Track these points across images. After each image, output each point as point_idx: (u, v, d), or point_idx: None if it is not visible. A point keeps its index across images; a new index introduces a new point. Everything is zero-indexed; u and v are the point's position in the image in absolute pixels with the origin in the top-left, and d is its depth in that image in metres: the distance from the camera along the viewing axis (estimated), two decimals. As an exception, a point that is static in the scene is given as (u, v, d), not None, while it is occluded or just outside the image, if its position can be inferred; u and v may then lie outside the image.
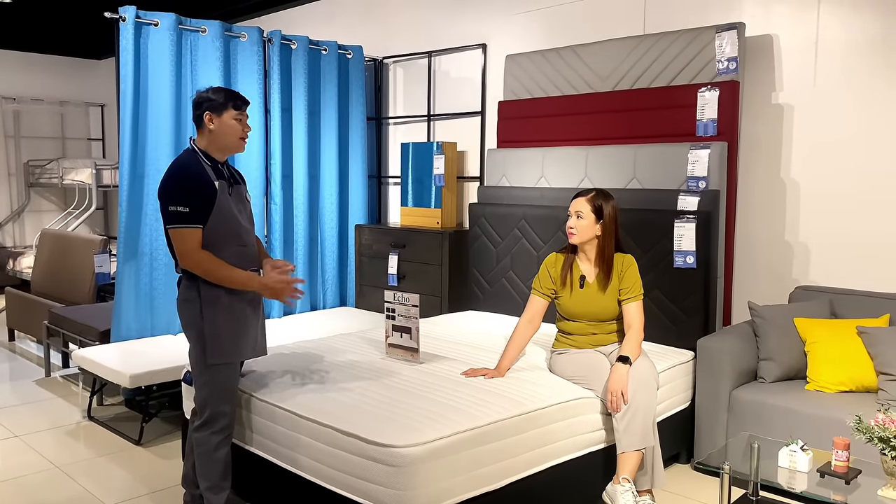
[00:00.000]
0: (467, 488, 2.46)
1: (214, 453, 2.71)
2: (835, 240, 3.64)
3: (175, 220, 2.59)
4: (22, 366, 5.38)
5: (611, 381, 2.91)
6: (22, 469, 3.51)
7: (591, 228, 3.11)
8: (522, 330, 3.19)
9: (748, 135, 3.88)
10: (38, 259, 6.18)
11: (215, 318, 2.65)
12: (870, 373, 3.13)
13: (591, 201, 3.12)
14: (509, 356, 3.13)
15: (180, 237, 2.59)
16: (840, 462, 2.43)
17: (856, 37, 3.53)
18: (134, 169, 4.19)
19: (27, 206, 8.66)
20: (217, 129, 2.68)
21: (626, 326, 3.10)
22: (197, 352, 2.70)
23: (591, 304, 3.15)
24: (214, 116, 2.68)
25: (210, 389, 2.70)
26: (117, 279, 4.22)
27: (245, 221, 2.76)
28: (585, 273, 3.17)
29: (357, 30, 5.83)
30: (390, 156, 5.76)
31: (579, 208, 3.12)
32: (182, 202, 2.58)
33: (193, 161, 2.67)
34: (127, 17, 4.11)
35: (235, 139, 2.71)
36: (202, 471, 2.73)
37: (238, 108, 2.70)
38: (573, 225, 3.12)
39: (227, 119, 2.68)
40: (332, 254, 5.31)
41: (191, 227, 2.59)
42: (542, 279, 3.23)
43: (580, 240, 3.13)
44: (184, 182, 2.61)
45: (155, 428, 4.03)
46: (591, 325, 3.18)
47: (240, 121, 2.71)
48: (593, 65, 4.20)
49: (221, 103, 2.68)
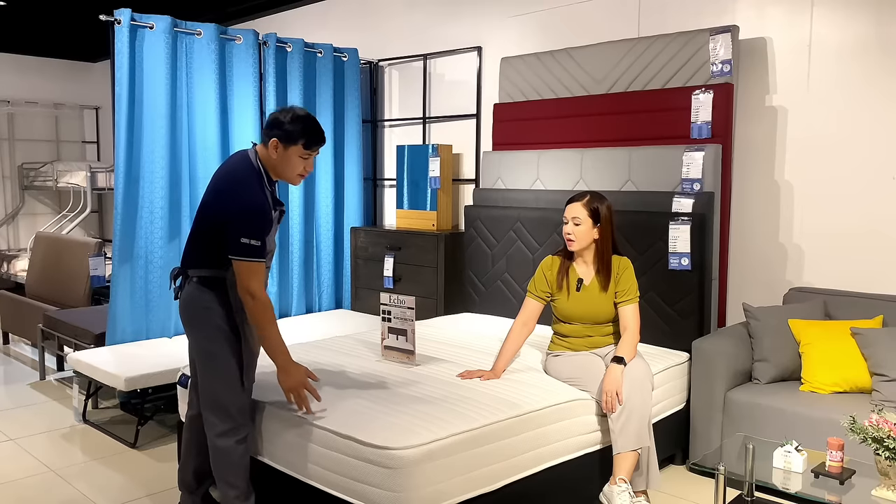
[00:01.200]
0: (463, 490, 2.47)
1: (240, 460, 2.68)
2: (829, 241, 3.66)
3: (247, 253, 2.50)
4: (16, 369, 5.36)
5: (606, 381, 2.92)
6: (17, 473, 3.50)
7: (589, 233, 3.10)
8: (517, 332, 3.19)
9: (742, 137, 3.89)
10: (32, 262, 6.16)
11: (251, 339, 2.64)
12: (863, 374, 3.15)
13: (587, 206, 3.09)
14: (504, 358, 3.13)
15: (249, 271, 2.51)
16: (834, 462, 2.44)
17: (849, 40, 3.55)
18: (129, 172, 4.19)
19: (21, 209, 8.63)
20: (278, 159, 2.61)
21: (622, 329, 3.11)
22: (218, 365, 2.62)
23: (588, 306, 3.15)
24: (281, 146, 2.59)
25: (227, 401, 2.64)
26: (112, 282, 4.22)
27: (273, 246, 2.73)
28: (582, 276, 3.17)
29: (352, 32, 5.83)
30: (386, 158, 5.76)
31: (576, 214, 3.09)
32: (256, 236, 2.50)
33: (259, 185, 2.57)
34: (122, 20, 4.11)
35: (293, 174, 2.63)
36: (228, 479, 2.67)
37: (308, 148, 2.60)
38: (571, 231, 3.09)
39: (293, 154, 2.59)
40: (327, 256, 5.31)
41: (260, 261, 2.53)
42: (537, 282, 3.22)
43: (579, 246, 3.11)
44: (258, 216, 2.53)
45: (150, 431, 4.03)
46: (587, 328, 3.19)
47: (305, 159, 2.62)
48: (588, 67, 4.21)
49: (293, 137, 2.57)
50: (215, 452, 2.68)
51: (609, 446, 3.03)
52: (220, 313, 2.61)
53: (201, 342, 2.66)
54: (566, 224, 3.12)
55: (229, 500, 2.69)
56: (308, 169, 2.66)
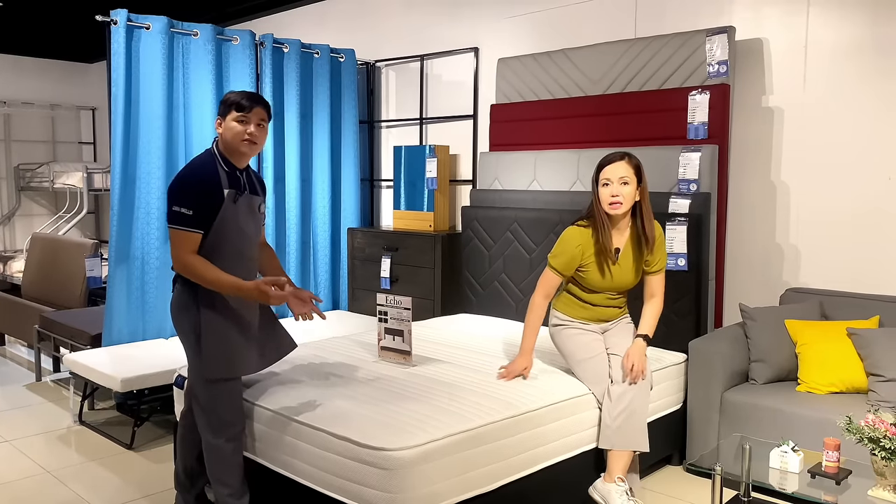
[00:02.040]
0: (460, 491, 2.47)
1: (232, 458, 2.69)
2: (825, 242, 3.67)
3: (176, 220, 2.54)
4: (12, 370, 5.35)
5: (633, 354, 2.89)
6: (13, 474, 3.49)
7: (633, 194, 2.88)
8: (541, 306, 3.02)
9: (739, 138, 3.90)
10: (28, 263, 6.15)
11: (214, 331, 2.60)
12: (860, 374, 3.15)
13: (631, 163, 2.86)
14: (532, 336, 3.00)
15: (178, 238, 2.55)
16: (831, 463, 2.44)
17: (845, 40, 3.56)
18: (125, 172, 4.18)
19: (18, 210, 8.61)
20: (223, 132, 2.65)
21: (650, 296, 3.02)
22: (195, 363, 2.65)
23: (620, 276, 2.99)
24: (221, 119, 2.65)
25: (213, 400, 2.65)
26: (109, 283, 4.21)
27: (251, 232, 2.71)
28: (617, 244, 2.98)
29: (349, 33, 5.83)
30: (383, 159, 5.76)
31: (623, 174, 2.83)
32: (187, 204, 2.53)
33: (210, 163, 2.63)
34: (118, 21, 4.10)
35: (238, 141, 2.63)
36: (221, 478, 2.68)
37: (241, 109, 2.61)
38: (618, 192, 2.84)
39: (230, 121, 2.63)
40: (324, 257, 5.30)
41: (190, 230, 2.54)
42: (570, 260, 2.94)
43: (625, 209, 2.87)
44: (194, 185, 2.57)
45: (147, 432, 4.02)
46: (609, 298, 3.06)
47: (243, 122, 2.63)
48: (585, 68, 4.22)
49: (227, 106, 2.64)
50: (207, 450, 2.70)
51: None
52: (194, 315, 2.62)
53: (184, 342, 2.68)
54: (608, 185, 2.86)
55: (222, 498, 2.69)
56: (252, 133, 2.63)
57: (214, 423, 2.66)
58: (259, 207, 2.78)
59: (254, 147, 2.67)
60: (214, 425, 2.66)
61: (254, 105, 2.64)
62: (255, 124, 2.64)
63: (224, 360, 2.63)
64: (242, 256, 2.69)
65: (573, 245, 2.96)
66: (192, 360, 2.67)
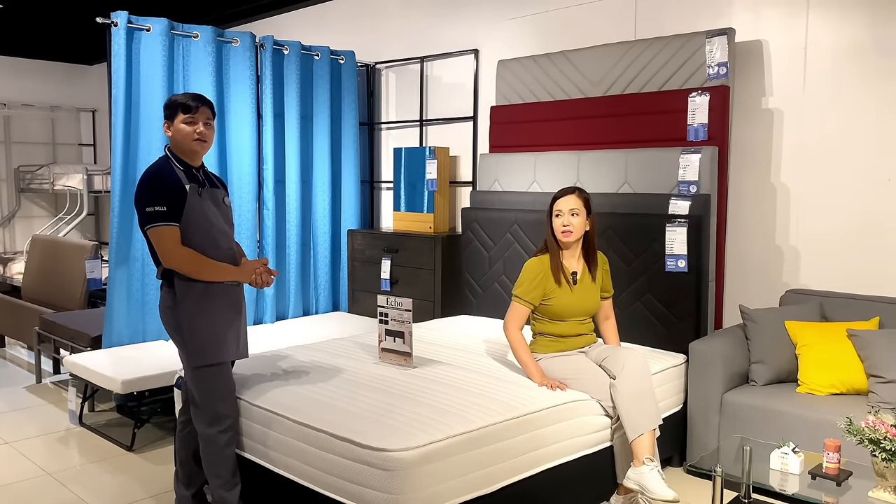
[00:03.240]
0: (461, 492, 2.47)
1: (224, 450, 2.77)
2: (825, 243, 3.67)
3: (154, 219, 2.63)
4: (12, 372, 5.35)
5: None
6: (13, 476, 3.49)
7: (583, 224, 3.15)
8: (518, 336, 3.14)
9: (739, 139, 3.90)
10: (28, 265, 6.15)
11: (193, 320, 2.70)
12: (860, 375, 3.15)
13: (581, 196, 3.15)
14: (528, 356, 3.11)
15: (160, 236, 2.63)
16: (831, 464, 2.44)
17: (845, 42, 3.57)
18: (126, 174, 4.18)
19: (18, 212, 8.61)
20: (173, 137, 2.75)
21: (605, 318, 3.34)
22: (183, 355, 2.76)
23: (583, 299, 3.18)
24: (169, 123, 2.75)
25: (204, 391, 2.74)
26: (109, 285, 4.21)
27: (221, 223, 2.80)
28: (574, 269, 3.20)
29: (349, 35, 5.84)
30: (383, 161, 5.76)
31: (574, 206, 3.12)
32: (159, 202, 2.63)
33: (165, 165, 2.73)
34: (119, 23, 4.11)
35: (190, 142, 2.73)
36: (212, 469, 2.77)
37: (188, 111, 2.71)
38: (569, 223, 3.12)
39: (178, 124, 2.72)
40: (324, 259, 5.31)
41: (169, 224, 2.64)
42: (533, 289, 3.14)
43: (576, 237, 3.14)
44: (156, 183, 2.67)
45: (147, 434, 4.02)
46: (578, 324, 3.21)
47: (190, 123, 2.71)
48: (584, 70, 4.22)
49: (173, 109, 2.73)
50: (202, 442, 2.79)
51: (606, 448, 3.03)
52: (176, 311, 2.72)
53: (173, 339, 2.78)
54: (560, 216, 3.13)
55: (214, 489, 2.79)
56: (201, 132, 2.73)
57: (208, 415, 2.75)
58: (223, 199, 2.87)
59: (204, 145, 2.77)
60: (208, 417, 2.75)
61: (199, 105, 2.75)
62: (202, 123, 2.74)
63: (207, 347, 2.73)
64: (218, 246, 2.77)
65: (534, 274, 3.16)
66: (182, 355, 2.77)
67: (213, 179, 2.89)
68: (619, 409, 2.92)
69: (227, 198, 2.92)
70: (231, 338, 2.79)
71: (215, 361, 2.74)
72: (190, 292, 2.69)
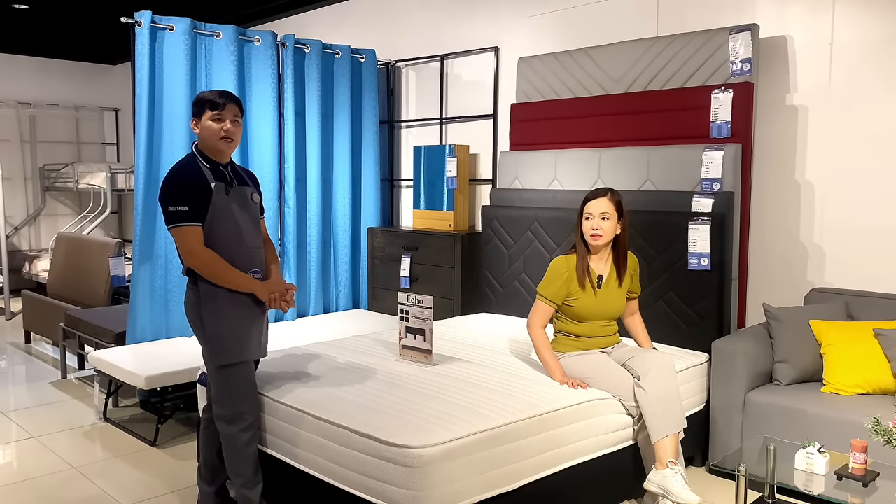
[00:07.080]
0: (481, 489, 2.46)
1: (246, 449, 2.78)
2: (850, 241, 3.62)
3: (176, 219, 2.64)
4: (38, 368, 5.43)
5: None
6: (39, 470, 3.54)
7: (614, 228, 3.11)
8: (541, 334, 3.12)
9: (762, 136, 3.86)
10: (53, 262, 6.23)
11: (215, 318, 2.71)
12: (887, 375, 3.11)
13: (612, 199, 3.10)
14: (550, 355, 3.08)
15: (183, 236, 2.65)
16: (858, 465, 2.41)
17: (871, 37, 3.51)
18: (149, 172, 4.22)
19: (43, 210, 8.74)
20: (201, 134, 2.74)
21: (629, 313, 3.32)
22: (206, 353, 2.77)
23: (607, 303, 3.15)
24: (197, 120, 2.74)
25: (226, 389, 2.76)
26: (132, 281, 4.25)
27: (247, 222, 2.79)
28: (600, 272, 3.17)
29: (369, 33, 5.85)
30: (403, 159, 5.77)
31: (604, 209, 3.08)
32: (181, 202, 2.63)
33: (191, 163, 2.73)
34: (143, 22, 4.15)
35: (215, 140, 2.72)
36: (235, 468, 2.78)
37: (215, 108, 2.70)
38: (598, 227, 3.07)
39: (205, 121, 2.71)
40: (344, 256, 5.33)
41: (192, 224, 2.64)
42: (557, 289, 3.10)
43: (605, 241, 3.10)
44: (180, 182, 2.67)
45: (170, 429, 4.06)
46: (601, 326, 3.18)
47: (218, 121, 2.71)
48: (606, 67, 4.20)
49: (201, 106, 2.72)
50: (223, 441, 2.80)
51: (628, 447, 3.01)
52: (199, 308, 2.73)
53: (197, 335, 2.79)
54: (590, 219, 3.09)
55: (236, 488, 2.80)
56: (228, 130, 2.72)
57: (228, 413, 2.76)
58: (252, 196, 2.85)
59: (230, 143, 2.76)
60: (228, 415, 2.76)
61: (227, 102, 2.73)
62: (230, 121, 2.73)
63: (230, 346, 2.73)
64: (243, 244, 2.76)
65: (559, 273, 3.12)
66: (204, 351, 2.78)
67: (243, 176, 2.87)
68: (644, 412, 2.90)
69: (256, 194, 2.89)
70: (254, 336, 2.80)
71: (238, 360, 2.75)
72: (214, 291, 2.70)
